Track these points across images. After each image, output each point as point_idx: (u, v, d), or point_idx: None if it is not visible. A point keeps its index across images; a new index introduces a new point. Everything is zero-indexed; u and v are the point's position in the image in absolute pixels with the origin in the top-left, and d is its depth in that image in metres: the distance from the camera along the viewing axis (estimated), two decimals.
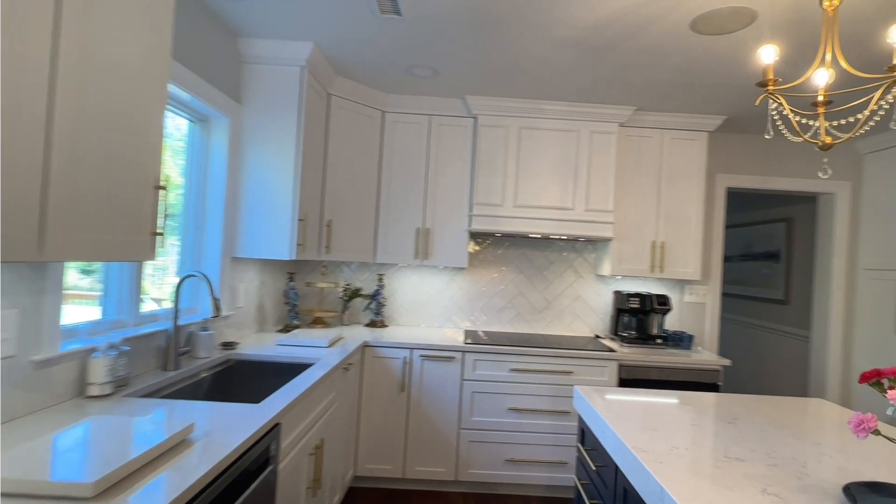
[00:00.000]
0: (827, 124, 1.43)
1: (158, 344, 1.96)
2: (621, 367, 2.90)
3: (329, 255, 2.97)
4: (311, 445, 1.94)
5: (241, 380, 2.29)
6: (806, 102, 2.47)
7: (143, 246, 1.34)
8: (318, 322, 3.30)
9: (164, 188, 1.38)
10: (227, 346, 2.39)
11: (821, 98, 1.42)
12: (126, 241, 1.27)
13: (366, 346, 2.89)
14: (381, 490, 2.92)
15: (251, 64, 2.54)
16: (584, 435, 1.78)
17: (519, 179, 3.13)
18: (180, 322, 2.12)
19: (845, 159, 3.58)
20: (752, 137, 3.57)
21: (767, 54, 1.52)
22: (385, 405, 2.89)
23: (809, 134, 1.45)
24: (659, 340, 3.16)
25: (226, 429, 1.34)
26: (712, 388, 2.90)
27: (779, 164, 3.57)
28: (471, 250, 3.54)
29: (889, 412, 0.98)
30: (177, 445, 1.22)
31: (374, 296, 3.40)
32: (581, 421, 1.83)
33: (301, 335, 2.73)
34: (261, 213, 2.55)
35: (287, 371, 2.33)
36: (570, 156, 3.14)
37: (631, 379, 2.89)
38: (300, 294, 3.51)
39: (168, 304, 2.19)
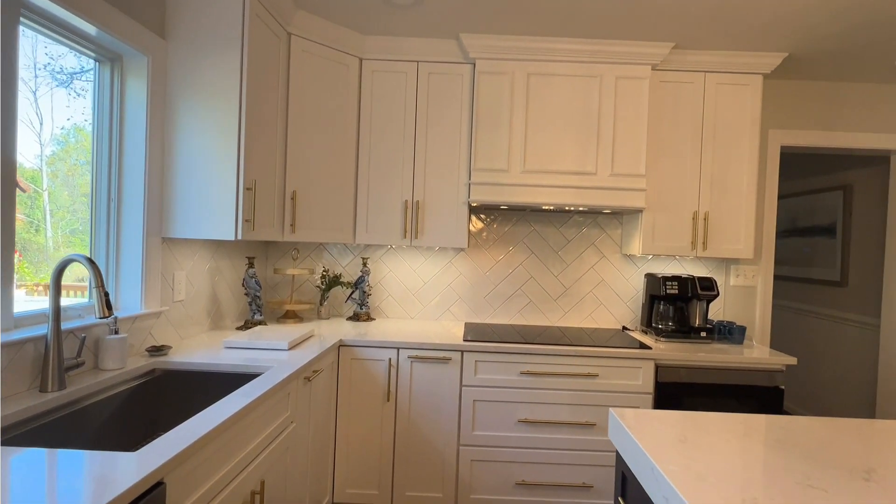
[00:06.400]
0: None
1: (39, 355, 1.44)
2: (658, 367, 2.33)
3: (294, 236, 2.42)
4: (245, 492, 1.41)
5: (166, 398, 1.76)
6: None
7: None
8: (289, 316, 2.76)
9: None
10: (156, 351, 1.86)
11: None
12: None
13: (342, 345, 2.35)
14: None
15: None
16: (626, 485, 1.22)
17: (528, 138, 2.54)
18: (81, 323, 1.59)
19: None
20: (813, 85, 2.93)
21: None
22: (367, 417, 2.36)
23: None
24: (703, 333, 2.58)
25: None
26: (774, 393, 2.32)
27: (846, 117, 2.93)
28: (472, 228, 2.97)
29: None
30: None
31: (357, 284, 2.86)
32: (620, 461, 1.27)
33: (262, 333, 2.20)
34: (197, 181, 1.99)
35: (230, 383, 1.80)
36: (591, 108, 2.53)
37: (671, 382, 2.33)
38: (270, 283, 2.97)
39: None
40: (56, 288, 1.39)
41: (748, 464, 1.03)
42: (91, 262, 1.34)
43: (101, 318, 1.33)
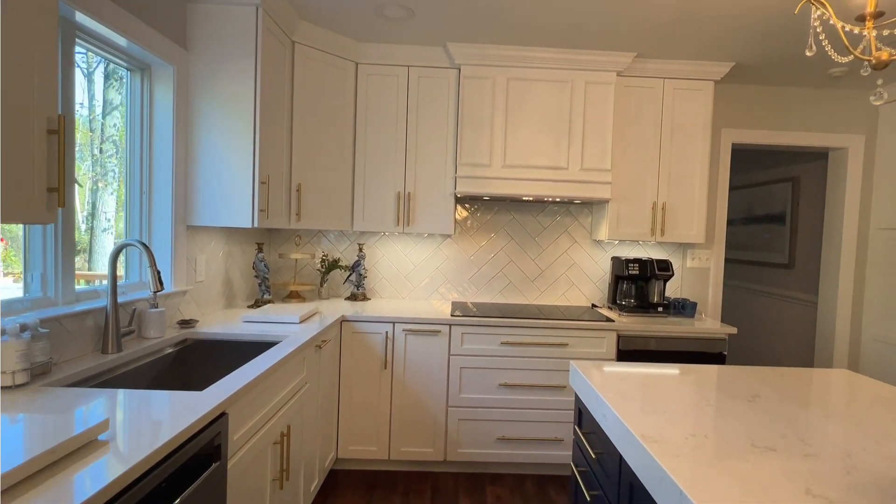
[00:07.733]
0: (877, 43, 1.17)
1: (97, 324, 1.72)
2: (620, 337, 2.70)
3: (300, 223, 2.71)
4: (276, 433, 1.72)
5: (199, 362, 2.05)
6: (849, 16, 2.19)
7: (34, 204, 1.07)
8: (293, 296, 3.05)
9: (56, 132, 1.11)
10: (185, 324, 2.14)
11: (870, 9, 1.16)
12: (13, 198, 1.01)
13: (344, 320, 2.66)
14: (365, 472, 2.74)
15: (198, 3, 2.22)
16: (582, 416, 1.57)
17: (507, 136, 2.85)
18: (125, 298, 1.87)
19: (859, 111, 3.31)
20: (760, 89, 3.29)
21: None
22: (367, 384, 2.68)
23: (860, 48, 1.19)
24: (660, 309, 2.94)
25: (153, 425, 1.11)
26: (718, 358, 2.70)
27: (788, 118, 3.30)
28: (458, 217, 3.29)
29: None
30: (83, 448, 0.98)
31: (354, 267, 3.16)
32: (578, 400, 1.62)
33: (271, 310, 2.49)
34: (217, 175, 2.26)
35: (252, 350, 2.10)
36: (563, 109, 2.85)
37: (631, 350, 2.69)
38: (273, 267, 3.26)
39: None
40: (113, 268, 1.67)
41: (667, 393, 1.37)
42: (145, 245, 1.63)
43: (155, 291, 1.62)
